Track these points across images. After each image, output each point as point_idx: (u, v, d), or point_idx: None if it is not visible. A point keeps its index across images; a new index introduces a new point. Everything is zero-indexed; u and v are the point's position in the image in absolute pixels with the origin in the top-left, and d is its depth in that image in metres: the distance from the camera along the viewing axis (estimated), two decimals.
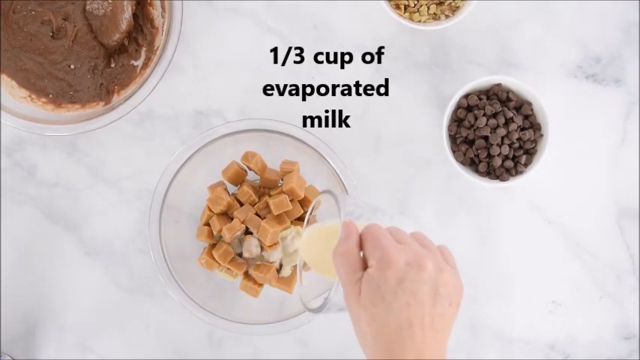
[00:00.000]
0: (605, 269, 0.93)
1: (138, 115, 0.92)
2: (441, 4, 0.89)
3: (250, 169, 0.89)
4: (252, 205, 0.88)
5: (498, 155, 0.87)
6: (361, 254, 0.61)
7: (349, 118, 0.93)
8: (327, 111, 0.93)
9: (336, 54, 0.93)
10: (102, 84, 0.90)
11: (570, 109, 0.93)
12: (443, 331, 0.60)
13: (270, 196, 0.88)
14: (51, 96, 0.90)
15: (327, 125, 0.93)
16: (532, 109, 0.88)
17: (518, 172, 0.88)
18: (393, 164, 0.93)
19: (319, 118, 0.93)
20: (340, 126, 0.93)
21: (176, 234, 0.90)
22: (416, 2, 0.89)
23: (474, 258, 0.93)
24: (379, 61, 0.93)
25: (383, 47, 0.93)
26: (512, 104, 0.88)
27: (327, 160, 0.87)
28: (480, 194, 0.93)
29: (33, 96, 0.89)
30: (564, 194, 0.93)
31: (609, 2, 0.93)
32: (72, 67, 0.89)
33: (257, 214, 0.87)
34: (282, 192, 0.87)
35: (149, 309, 0.92)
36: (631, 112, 0.93)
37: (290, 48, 0.93)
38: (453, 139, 0.89)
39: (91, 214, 0.93)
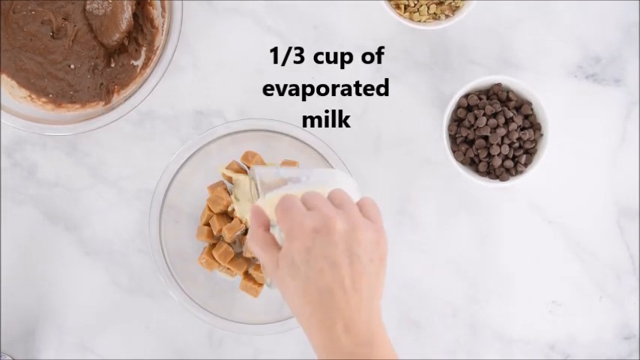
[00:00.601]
0: (605, 269, 0.93)
1: (138, 115, 0.92)
2: (441, 3, 0.89)
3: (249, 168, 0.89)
4: None
5: (498, 155, 0.87)
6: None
7: (349, 118, 0.93)
8: (327, 111, 0.93)
9: (336, 54, 0.93)
10: (102, 84, 0.90)
11: (570, 109, 0.93)
12: (368, 290, 0.58)
13: None
14: (51, 96, 0.90)
15: (327, 125, 0.93)
16: (532, 109, 0.88)
17: (518, 172, 0.88)
18: (393, 164, 0.93)
19: (319, 118, 0.93)
20: (340, 126, 0.93)
21: (176, 234, 0.90)
22: (416, 2, 0.89)
23: (474, 258, 0.93)
24: (379, 61, 0.93)
25: (383, 47, 0.93)
26: (512, 104, 0.88)
27: (327, 160, 0.87)
28: (480, 194, 0.93)
29: (33, 96, 0.89)
30: (564, 194, 0.93)
31: (609, 2, 0.93)
32: (72, 66, 0.89)
33: None
34: None
35: (149, 309, 0.92)
36: (631, 112, 0.93)
37: (290, 48, 0.93)
38: (453, 138, 0.89)
39: (91, 214, 0.93)
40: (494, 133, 0.86)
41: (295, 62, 0.93)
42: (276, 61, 0.93)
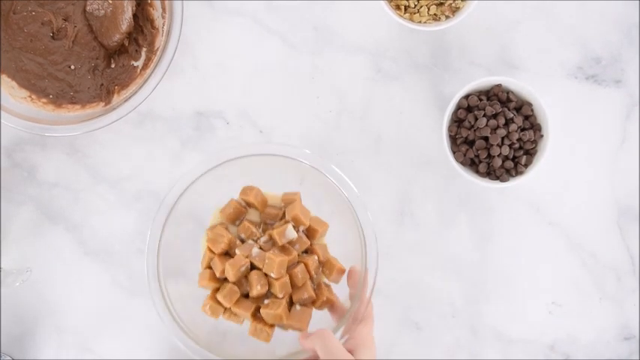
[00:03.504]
0: (605, 270, 0.93)
1: (138, 116, 0.92)
2: (441, 4, 0.89)
3: (250, 205, 0.86)
4: (255, 241, 0.85)
5: (498, 156, 0.87)
6: None
7: (349, 118, 0.93)
8: (327, 111, 0.93)
9: (335, 54, 0.93)
10: (102, 84, 0.90)
11: (570, 110, 0.93)
12: None
13: (273, 229, 0.85)
14: (51, 96, 0.90)
15: (327, 125, 0.93)
16: (532, 110, 0.88)
17: (518, 173, 0.88)
18: (393, 164, 0.93)
19: (319, 118, 0.93)
20: (340, 126, 0.93)
21: (180, 293, 0.85)
22: (416, 3, 0.89)
23: (474, 258, 0.93)
24: (379, 62, 0.93)
25: (383, 47, 0.93)
26: (512, 105, 0.88)
27: (328, 177, 0.83)
28: (480, 195, 0.93)
29: (33, 96, 0.89)
30: (564, 194, 0.93)
31: (609, 3, 0.93)
32: (72, 67, 0.89)
33: (261, 249, 0.84)
34: (285, 221, 0.84)
35: (149, 309, 0.92)
36: (631, 112, 0.93)
37: (290, 49, 0.93)
38: (453, 139, 0.89)
39: (90, 214, 0.93)
40: (494, 133, 0.86)
41: (295, 63, 0.93)
42: (276, 62, 0.93)
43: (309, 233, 0.86)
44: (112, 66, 0.90)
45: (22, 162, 0.93)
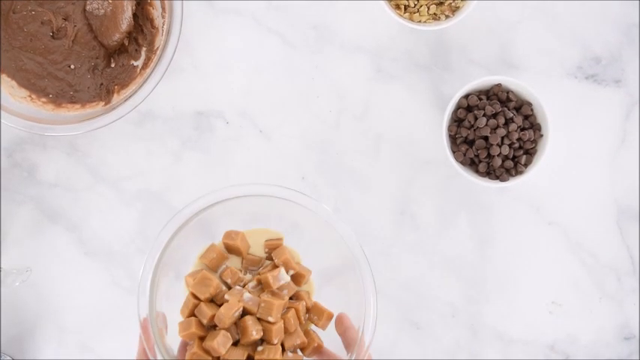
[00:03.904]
0: (605, 270, 0.93)
1: (138, 116, 0.92)
2: (441, 4, 0.89)
3: (232, 250, 0.83)
4: (243, 286, 0.80)
5: (498, 155, 0.87)
6: None
7: (349, 118, 0.93)
8: (327, 111, 0.93)
9: (335, 54, 0.93)
10: (102, 84, 0.90)
11: (570, 110, 0.93)
12: None
13: (260, 274, 0.81)
14: (51, 96, 0.90)
15: (327, 125, 0.93)
16: (532, 110, 0.88)
17: (518, 173, 0.88)
18: (393, 164, 0.93)
19: (320, 118, 0.93)
20: (340, 126, 0.93)
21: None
22: (416, 2, 0.89)
23: (474, 258, 0.93)
24: (379, 62, 0.93)
25: (383, 47, 0.93)
26: (512, 104, 0.88)
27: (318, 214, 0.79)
28: (480, 194, 0.93)
29: (33, 96, 0.89)
30: (564, 194, 0.93)
31: (609, 2, 0.93)
32: (72, 67, 0.89)
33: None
34: (275, 266, 0.81)
35: None
36: (631, 112, 0.93)
37: (290, 49, 0.93)
38: (453, 139, 0.89)
39: (90, 214, 0.93)
40: (494, 133, 0.86)
41: (295, 63, 0.93)
42: (276, 62, 0.93)
43: (295, 279, 0.82)
44: (112, 65, 0.90)
45: (22, 162, 0.93)
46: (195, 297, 0.78)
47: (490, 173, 0.88)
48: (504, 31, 0.93)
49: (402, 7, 0.89)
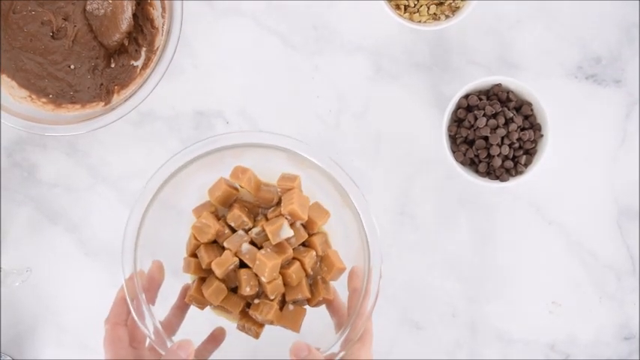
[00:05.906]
0: (605, 269, 0.93)
1: (138, 116, 0.92)
2: (441, 4, 0.89)
3: (242, 188, 0.79)
4: (247, 231, 0.77)
5: (498, 155, 0.87)
6: None
7: (349, 118, 0.93)
8: (327, 111, 0.93)
9: (335, 54, 0.93)
10: (102, 84, 0.90)
11: (570, 110, 0.93)
12: None
13: (267, 219, 0.77)
14: (51, 96, 0.90)
15: (327, 125, 0.93)
16: (532, 110, 0.88)
17: (518, 173, 0.88)
18: (393, 164, 0.93)
19: (319, 118, 0.93)
20: (340, 126, 0.93)
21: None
22: (416, 2, 0.89)
23: (474, 258, 0.93)
24: (379, 62, 0.93)
25: (383, 47, 0.93)
26: (512, 104, 0.88)
27: (330, 174, 0.76)
28: (480, 194, 0.93)
29: (33, 96, 0.89)
30: (564, 194, 0.93)
31: (609, 2, 0.93)
32: (72, 67, 0.89)
33: (252, 242, 0.76)
34: (280, 215, 0.76)
35: None
36: (631, 112, 0.93)
37: (290, 49, 0.93)
38: (452, 139, 0.89)
39: (91, 214, 0.93)
40: (494, 133, 0.86)
41: (295, 62, 0.93)
42: (276, 62, 0.93)
43: (308, 225, 0.78)
44: (112, 66, 0.90)
45: (22, 162, 0.93)
46: (196, 238, 0.77)
47: (490, 173, 0.88)
48: (504, 31, 0.93)
49: (402, 7, 0.89)
